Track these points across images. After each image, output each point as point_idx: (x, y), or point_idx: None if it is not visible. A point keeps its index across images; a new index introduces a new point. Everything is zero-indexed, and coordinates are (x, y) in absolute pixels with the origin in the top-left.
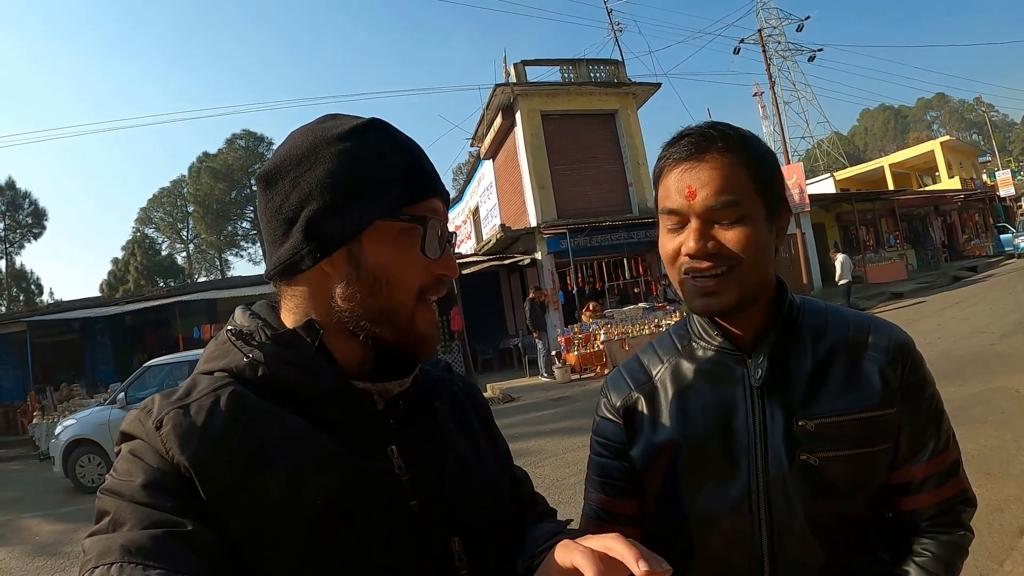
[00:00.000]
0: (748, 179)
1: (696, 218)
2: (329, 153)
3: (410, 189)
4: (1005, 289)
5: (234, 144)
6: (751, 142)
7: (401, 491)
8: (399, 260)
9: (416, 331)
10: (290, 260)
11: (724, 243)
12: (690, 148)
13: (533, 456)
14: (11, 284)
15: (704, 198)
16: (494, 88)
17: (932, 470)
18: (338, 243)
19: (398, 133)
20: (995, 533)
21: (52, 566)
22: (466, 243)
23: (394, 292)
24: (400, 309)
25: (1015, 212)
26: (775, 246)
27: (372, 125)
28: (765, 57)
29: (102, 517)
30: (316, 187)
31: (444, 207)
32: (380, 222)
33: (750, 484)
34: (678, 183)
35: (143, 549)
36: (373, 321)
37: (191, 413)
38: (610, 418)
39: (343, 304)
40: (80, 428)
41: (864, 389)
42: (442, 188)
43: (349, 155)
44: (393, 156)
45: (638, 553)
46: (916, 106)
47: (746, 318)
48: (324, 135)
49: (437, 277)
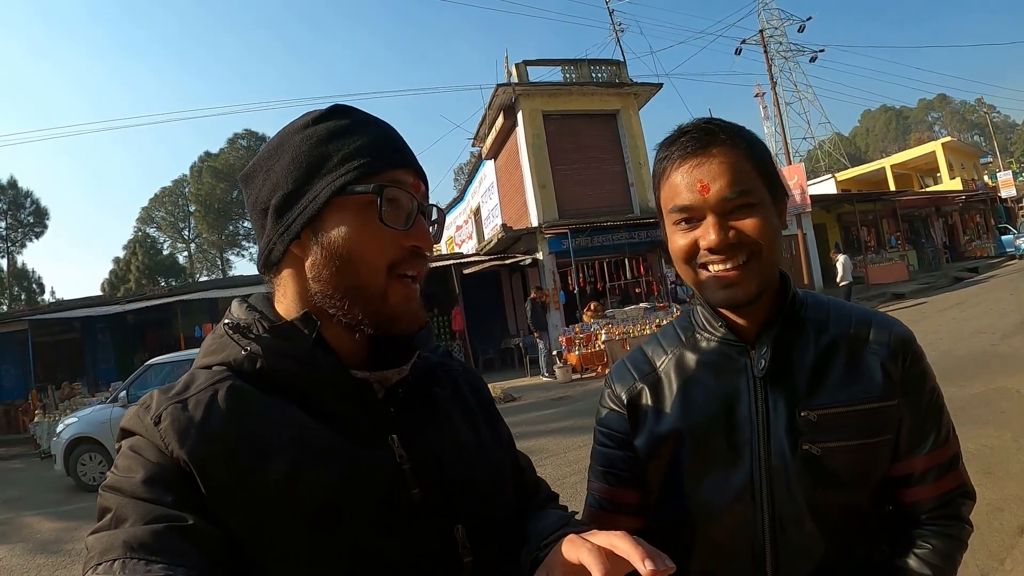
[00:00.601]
0: (753, 169)
1: (712, 212)
2: (293, 142)
3: (367, 162)
4: (1006, 290)
5: (236, 143)
6: (747, 133)
7: (403, 480)
8: (361, 234)
9: (389, 307)
10: (267, 248)
11: (744, 232)
12: (694, 144)
13: (534, 455)
14: (13, 283)
15: (718, 190)
16: (496, 88)
17: (932, 463)
18: (302, 224)
19: (360, 113)
20: (995, 532)
21: (53, 564)
22: (468, 243)
23: (359, 268)
24: (368, 285)
25: (1016, 213)
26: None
27: (334, 109)
28: (767, 58)
29: (104, 514)
30: (281, 175)
31: (417, 180)
32: (338, 198)
33: (752, 474)
34: (688, 179)
35: (145, 544)
36: (343, 299)
37: (189, 408)
38: (614, 408)
39: (314, 285)
40: (81, 426)
41: (866, 381)
42: (410, 160)
43: (311, 139)
44: (351, 134)
45: (644, 552)
46: (917, 107)
47: (751, 309)
48: (291, 128)
49: (409, 250)
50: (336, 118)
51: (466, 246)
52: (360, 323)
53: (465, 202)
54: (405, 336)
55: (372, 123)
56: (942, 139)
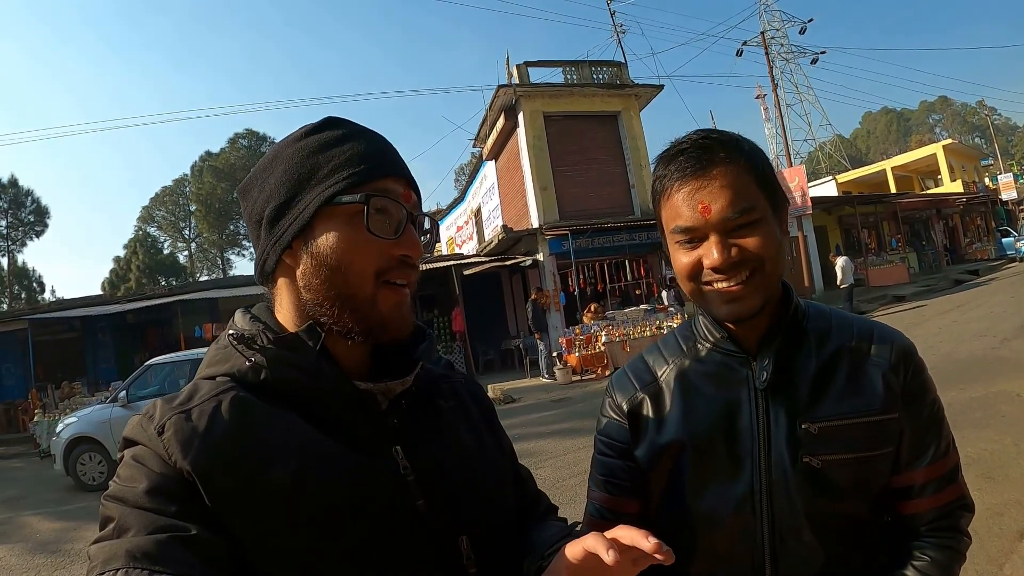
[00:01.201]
0: (753, 183)
1: (715, 232)
2: (287, 155)
3: (356, 172)
4: (1007, 293)
5: (236, 143)
6: (745, 145)
7: (407, 491)
8: (349, 243)
9: (379, 313)
10: (262, 259)
11: (746, 249)
12: (693, 163)
13: (534, 457)
14: (13, 282)
15: (719, 211)
16: (497, 89)
17: (932, 475)
18: (292, 235)
19: (352, 124)
20: (995, 537)
21: (52, 564)
22: (468, 244)
23: (348, 276)
24: (357, 293)
25: (1017, 216)
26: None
27: (326, 122)
28: (768, 60)
29: (107, 523)
30: (275, 187)
31: (406, 188)
32: (326, 207)
33: (753, 485)
34: (689, 201)
35: (148, 554)
36: (333, 307)
37: (193, 418)
38: (615, 418)
39: (306, 294)
40: (81, 426)
41: (867, 394)
42: (399, 169)
43: (302, 151)
44: (342, 145)
45: (646, 532)
46: (918, 109)
47: (753, 321)
48: (285, 141)
49: (398, 259)
50: (328, 130)
51: (467, 247)
52: (351, 330)
53: (466, 203)
54: (406, 346)
55: (363, 134)
56: (943, 141)
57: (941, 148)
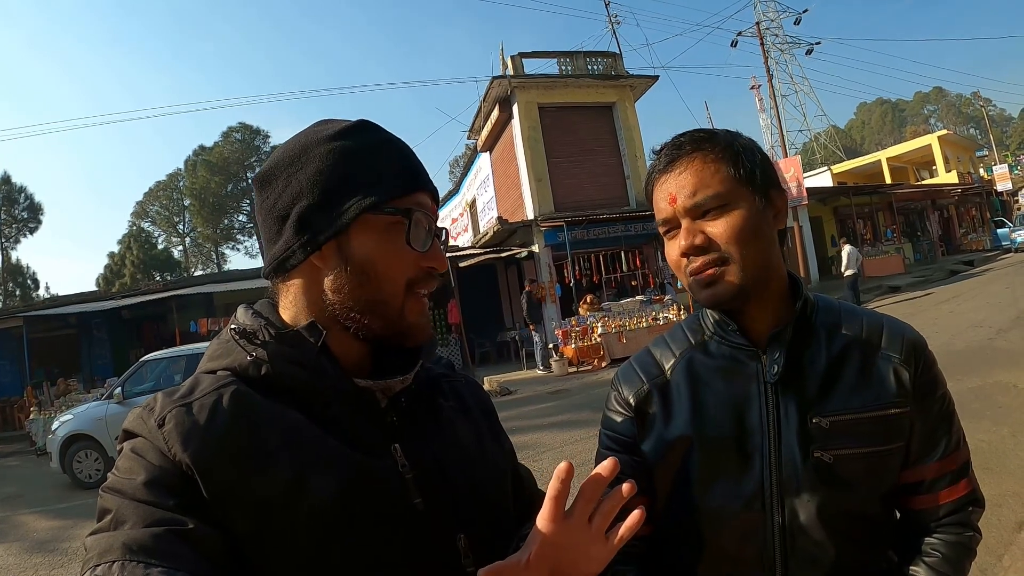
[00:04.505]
0: (725, 171)
1: (683, 218)
2: (319, 153)
3: (396, 184)
4: (1002, 283)
5: (230, 137)
6: (723, 136)
7: (405, 489)
8: (386, 252)
9: (406, 321)
10: (283, 256)
11: (712, 234)
12: (664, 160)
13: (531, 449)
14: (7, 279)
15: (684, 198)
16: (491, 80)
17: (943, 470)
18: (327, 237)
19: (385, 132)
20: (993, 528)
21: (49, 562)
22: (463, 235)
23: (382, 283)
24: (389, 300)
25: (1012, 206)
26: (776, 228)
27: (360, 125)
28: (763, 50)
29: (104, 515)
30: (306, 185)
31: (433, 202)
32: (367, 215)
33: (763, 481)
34: (662, 193)
35: (145, 547)
36: (362, 312)
37: (193, 411)
38: (621, 411)
39: (333, 296)
40: (77, 423)
41: (877, 388)
42: (429, 184)
43: (337, 153)
44: (380, 153)
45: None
46: (913, 100)
47: (759, 313)
48: (315, 137)
49: (426, 270)
50: (363, 134)
51: (462, 239)
52: (376, 335)
53: (460, 195)
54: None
55: (396, 143)
56: (938, 132)
57: (936, 139)
